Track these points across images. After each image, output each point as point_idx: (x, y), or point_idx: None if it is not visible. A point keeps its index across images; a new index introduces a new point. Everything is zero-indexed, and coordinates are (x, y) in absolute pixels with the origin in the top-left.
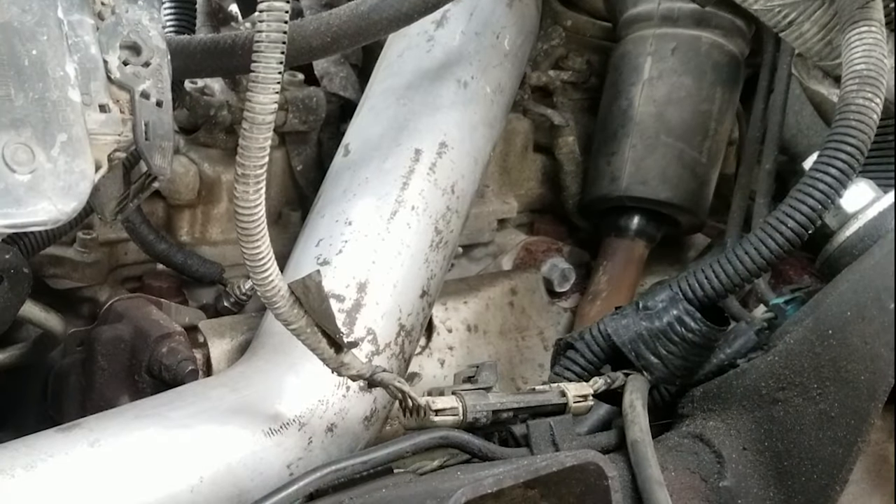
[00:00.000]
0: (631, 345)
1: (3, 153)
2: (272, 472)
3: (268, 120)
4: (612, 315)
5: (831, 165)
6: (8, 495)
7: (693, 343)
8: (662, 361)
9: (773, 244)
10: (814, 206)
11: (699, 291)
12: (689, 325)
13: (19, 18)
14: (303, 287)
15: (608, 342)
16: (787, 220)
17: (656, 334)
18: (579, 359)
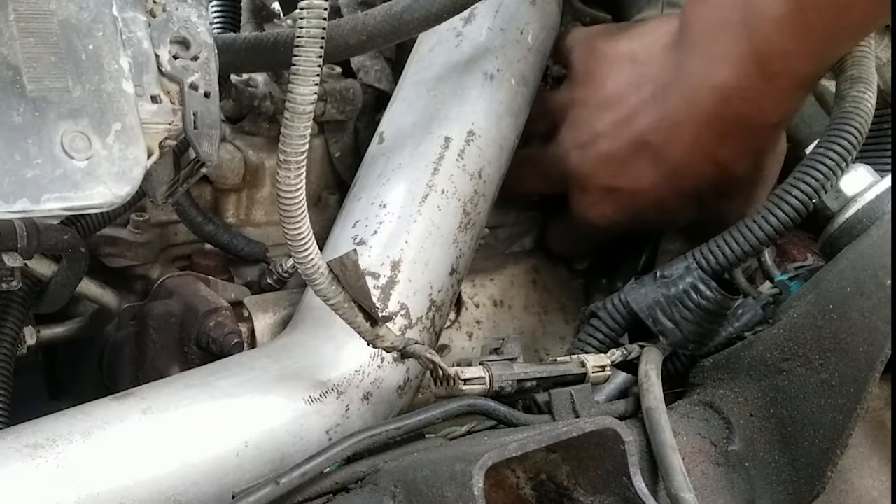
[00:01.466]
0: (648, 311)
1: (61, 141)
2: (312, 437)
3: (308, 110)
4: (632, 284)
5: (831, 149)
6: (67, 459)
7: (706, 310)
8: (677, 326)
9: (780, 215)
10: (814, 183)
11: (712, 261)
12: (704, 292)
13: (77, 16)
14: (340, 265)
15: (628, 309)
16: (789, 196)
17: (672, 301)
18: (602, 326)
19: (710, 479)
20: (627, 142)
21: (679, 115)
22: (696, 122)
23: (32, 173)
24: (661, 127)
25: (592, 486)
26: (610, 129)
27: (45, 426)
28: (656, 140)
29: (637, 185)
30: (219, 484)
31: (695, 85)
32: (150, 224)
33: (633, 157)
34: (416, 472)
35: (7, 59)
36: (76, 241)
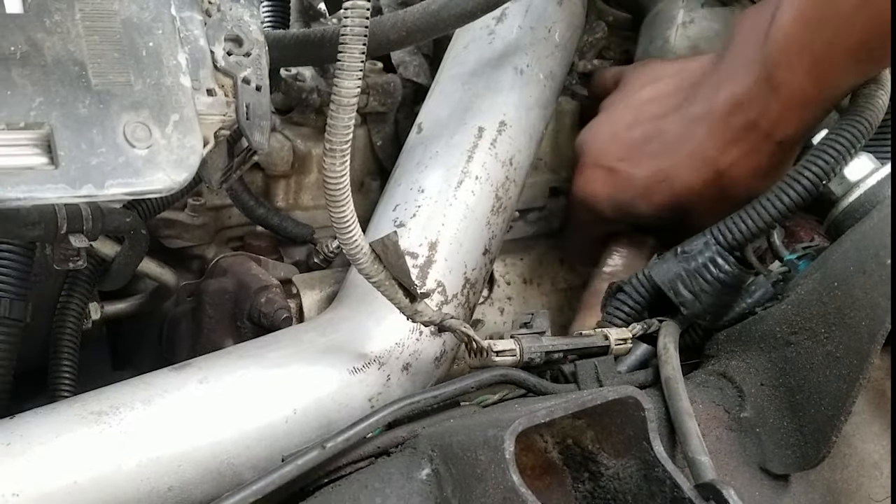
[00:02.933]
0: (670, 284)
1: (124, 131)
2: (356, 404)
3: (352, 102)
4: (655, 260)
5: (841, 136)
6: (129, 425)
7: (724, 283)
8: (697, 298)
9: (793, 194)
10: (824, 166)
11: (729, 236)
12: (722, 266)
13: (138, 15)
14: (382, 246)
15: (651, 283)
16: (801, 177)
17: (692, 274)
18: (627, 300)
19: (724, 443)
20: (642, 131)
21: (696, 112)
22: (708, 122)
23: (97, 161)
24: (676, 121)
25: (615, 449)
26: (631, 117)
27: (108, 395)
28: (669, 133)
29: (636, 171)
30: (269, 448)
31: (716, 85)
32: (206, 208)
33: (643, 145)
34: (452, 437)
35: (73, 56)
36: (137, 223)
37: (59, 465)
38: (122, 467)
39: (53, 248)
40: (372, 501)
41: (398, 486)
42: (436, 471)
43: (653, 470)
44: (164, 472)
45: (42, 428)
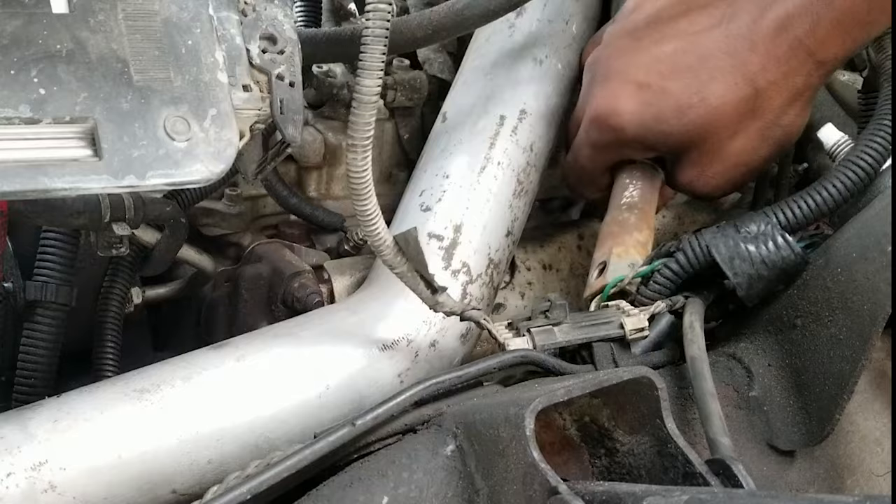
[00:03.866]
0: (730, 260)
1: (164, 125)
2: (386, 380)
3: (373, 100)
4: (713, 231)
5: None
6: (170, 402)
7: (782, 269)
8: (753, 281)
9: (853, 176)
10: (880, 150)
11: (792, 220)
12: (786, 252)
13: (177, 15)
14: (403, 239)
15: (706, 255)
16: (860, 160)
17: (755, 256)
18: (674, 265)
19: (734, 421)
20: (675, 46)
21: (738, 28)
22: (752, 38)
23: (138, 153)
24: (716, 37)
25: (630, 427)
26: (658, 33)
27: (150, 373)
28: (707, 47)
29: (670, 84)
30: (303, 423)
31: (763, 2)
32: (242, 197)
33: (677, 59)
34: (475, 415)
35: (116, 53)
36: (177, 212)
37: (104, 440)
38: (163, 442)
39: (97, 235)
40: (399, 476)
41: (424, 461)
42: (460, 447)
43: (666, 446)
44: (204, 446)
45: (87, 405)
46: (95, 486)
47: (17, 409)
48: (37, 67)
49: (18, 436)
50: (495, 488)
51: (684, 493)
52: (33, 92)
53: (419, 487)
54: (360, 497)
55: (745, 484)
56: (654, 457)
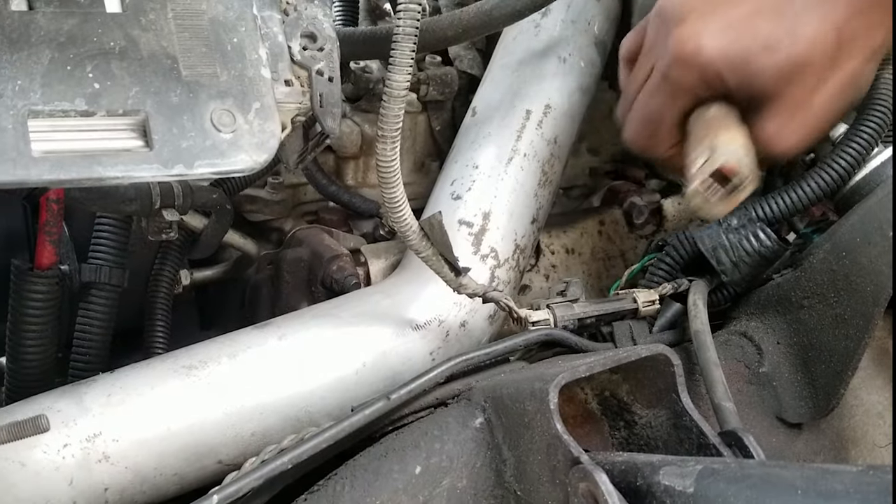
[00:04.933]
0: (713, 251)
1: (211, 117)
2: (418, 358)
3: (402, 94)
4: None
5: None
6: (216, 377)
7: (763, 256)
8: (737, 267)
9: (828, 178)
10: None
11: (769, 213)
12: (764, 241)
13: (224, 14)
14: (429, 224)
15: (694, 247)
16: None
17: (735, 245)
18: (667, 258)
19: (745, 395)
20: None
21: None
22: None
23: (187, 144)
24: None
25: (647, 401)
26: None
27: (197, 351)
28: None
29: (761, 21)
30: (341, 398)
31: None
32: (284, 185)
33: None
34: (503, 390)
35: (166, 50)
36: (223, 199)
37: (154, 413)
38: (209, 415)
39: (148, 221)
40: (431, 447)
41: (455, 433)
42: (488, 420)
43: (681, 419)
44: (247, 419)
45: (138, 381)
46: (146, 457)
47: (72, 384)
48: (92, 63)
49: (74, 409)
50: (521, 458)
51: (698, 463)
52: (88, 86)
53: (450, 457)
54: (395, 466)
55: (756, 454)
56: (670, 429)
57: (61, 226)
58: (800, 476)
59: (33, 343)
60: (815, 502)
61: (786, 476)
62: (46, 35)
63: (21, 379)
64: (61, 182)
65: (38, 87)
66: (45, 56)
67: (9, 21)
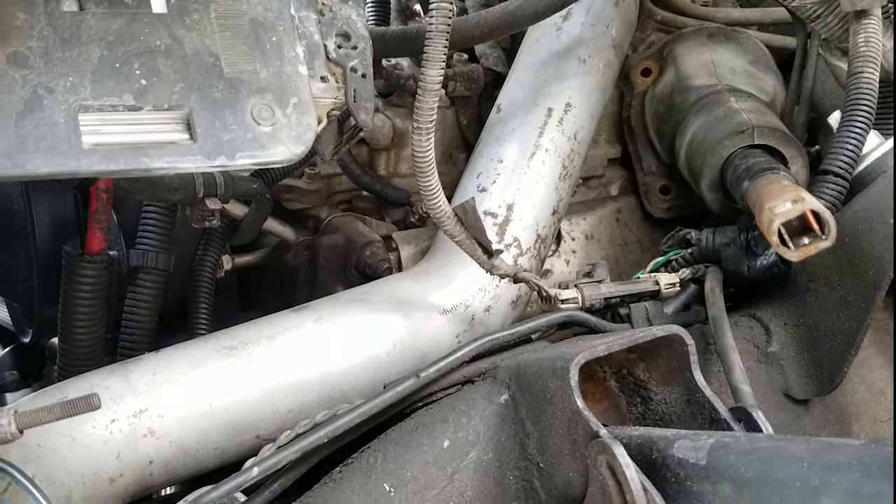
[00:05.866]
0: (733, 273)
1: (251, 111)
2: (445, 340)
3: (435, 88)
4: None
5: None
6: (255, 357)
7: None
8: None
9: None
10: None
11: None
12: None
13: (263, 14)
14: (462, 210)
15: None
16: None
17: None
18: (688, 257)
19: (754, 373)
20: None
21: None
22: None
23: (229, 136)
24: None
25: (662, 378)
26: None
27: (238, 332)
28: None
29: None
30: (373, 377)
31: None
32: (320, 176)
33: None
34: (526, 368)
35: (209, 48)
36: (263, 188)
37: (197, 391)
38: (249, 393)
39: (192, 209)
40: (459, 422)
41: (481, 408)
42: (513, 396)
43: (694, 395)
44: (285, 396)
45: (182, 360)
46: (189, 432)
47: (120, 362)
48: (139, 61)
49: (122, 386)
50: (544, 432)
51: (710, 437)
52: (135, 83)
53: (476, 432)
54: (424, 440)
55: (764, 429)
56: (684, 405)
57: (110, 214)
58: (806, 449)
59: (83, 324)
60: (820, 474)
61: (793, 449)
62: (96, 34)
63: (72, 357)
64: (110, 172)
65: (89, 84)
66: (94, 54)
67: (61, 21)
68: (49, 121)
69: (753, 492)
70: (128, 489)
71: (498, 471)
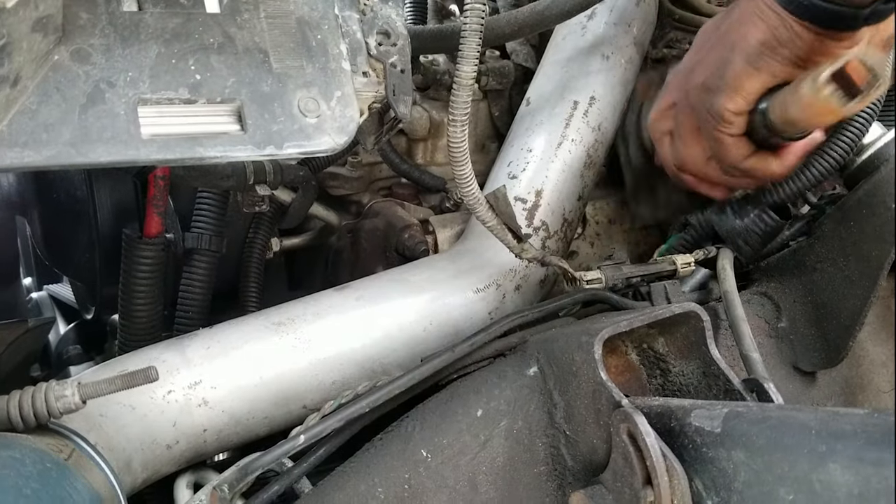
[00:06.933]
0: (727, 235)
1: (298, 104)
2: (478, 317)
3: (470, 83)
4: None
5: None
6: (302, 333)
7: (767, 233)
8: (748, 245)
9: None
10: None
11: (776, 197)
12: (768, 221)
13: (309, 14)
14: (494, 197)
15: (712, 230)
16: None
17: (747, 229)
18: (688, 237)
19: (765, 347)
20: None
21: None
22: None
23: (277, 127)
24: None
25: (680, 352)
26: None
27: (286, 309)
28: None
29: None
30: (411, 351)
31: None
32: (362, 164)
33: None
34: (553, 343)
35: (259, 46)
36: (309, 176)
37: (247, 364)
38: (296, 366)
39: (243, 195)
40: (491, 393)
41: (511, 380)
42: (541, 369)
43: (710, 368)
44: (329, 369)
45: (234, 335)
46: (240, 402)
47: (176, 337)
48: (193, 57)
49: (177, 360)
50: (570, 402)
51: (725, 407)
52: (191, 77)
53: (507, 402)
54: (459, 409)
55: (775, 399)
56: (700, 377)
57: (167, 199)
58: (813, 418)
59: (142, 302)
60: (826, 441)
61: (801, 418)
62: (154, 32)
63: (131, 333)
64: (167, 161)
65: (147, 78)
66: (152, 51)
67: (121, 20)
68: (110, 113)
69: (765, 457)
70: (183, 455)
71: (527, 438)
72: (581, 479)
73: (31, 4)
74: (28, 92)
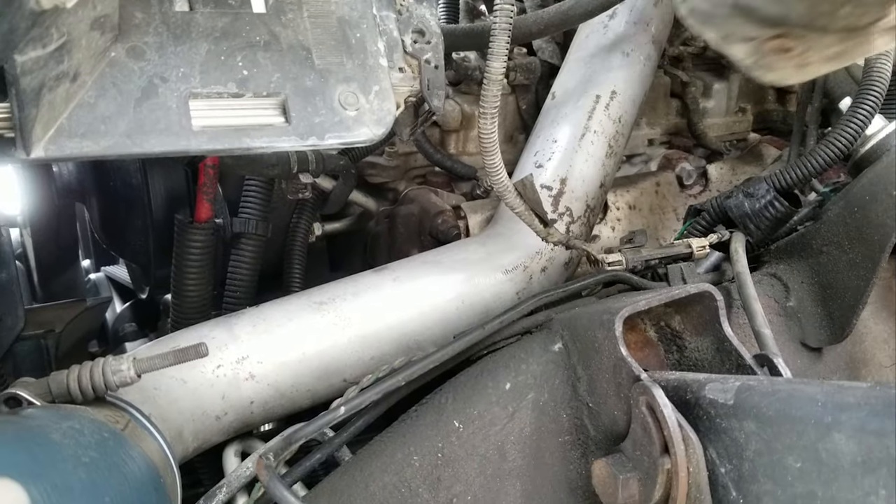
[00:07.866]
0: (740, 219)
1: (339, 98)
2: (507, 296)
3: (499, 78)
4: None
5: (865, 104)
6: (342, 311)
7: (779, 219)
8: (760, 230)
9: (832, 152)
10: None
11: (784, 183)
12: (779, 207)
13: (349, 14)
14: (522, 185)
15: (725, 214)
16: (838, 139)
17: (757, 213)
18: (702, 221)
19: (775, 325)
20: None
21: None
22: None
23: (319, 120)
24: None
25: (695, 329)
26: None
27: (327, 289)
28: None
29: None
30: (443, 329)
31: None
32: (398, 154)
33: None
34: (577, 321)
35: (302, 43)
36: (349, 165)
37: (291, 341)
38: (337, 342)
39: (287, 183)
40: (518, 367)
41: (538, 355)
42: (565, 345)
43: (723, 344)
44: (367, 345)
45: (279, 314)
46: (285, 376)
47: (224, 316)
48: (241, 54)
49: (226, 336)
50: (592, 377)
51: (737, 380)
52: (238, 73)
53: (534, 375)
54: (489, 383)
55: (784, 373)
56: (714, 353)
57: (216, 186)
58: (820, 391)
59: (193, 282)
60: (832, 412)
61: (808, 391)
62: (204, 31)
63: (183, 311)
64: (216, 151)
65: (197, 74)
66: (202, 48)
67: (173, 19)
68: (163, 106)
69: (774, 428)
70: (231, 425)
71: (553, 410)
72: (603, 448)
73: (90, 4)
74: (87, 87)
